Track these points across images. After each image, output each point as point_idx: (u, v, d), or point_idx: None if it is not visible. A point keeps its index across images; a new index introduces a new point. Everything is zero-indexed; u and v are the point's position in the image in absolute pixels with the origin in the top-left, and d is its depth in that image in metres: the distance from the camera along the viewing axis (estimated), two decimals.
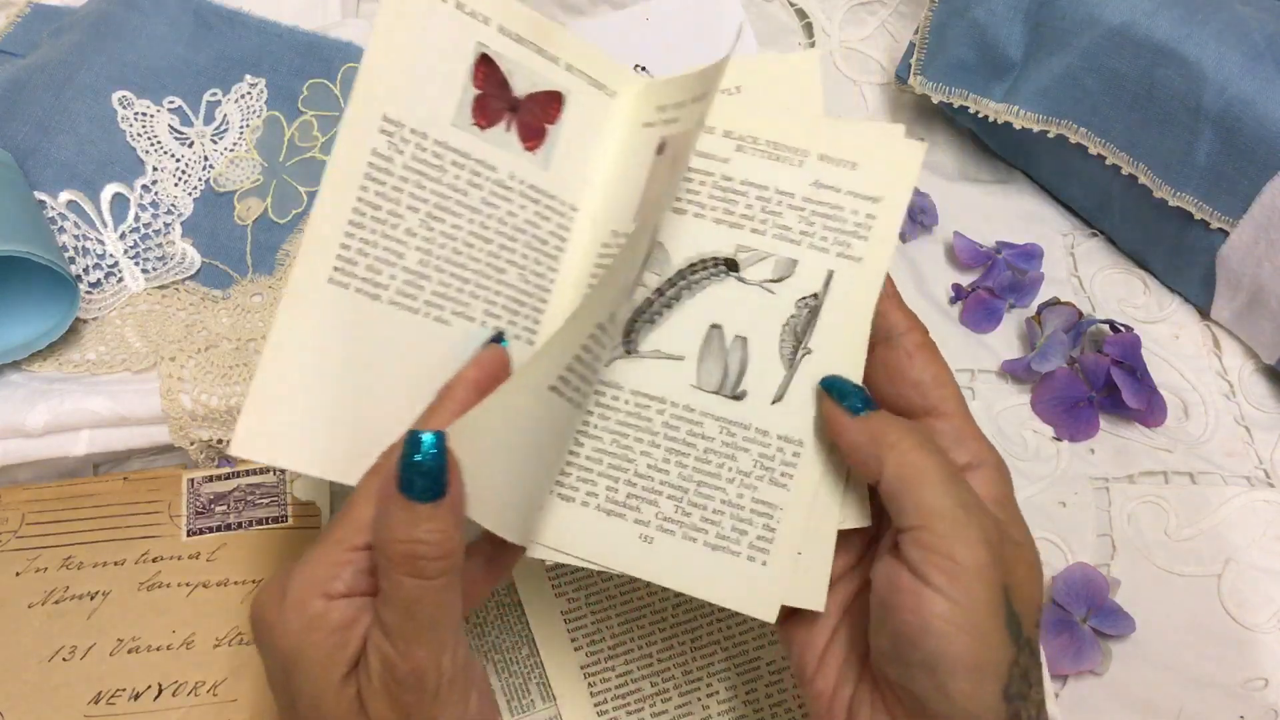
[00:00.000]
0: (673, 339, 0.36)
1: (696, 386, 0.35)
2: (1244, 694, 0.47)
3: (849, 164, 0.35)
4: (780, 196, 0.35)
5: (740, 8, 0.65)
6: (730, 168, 0.36)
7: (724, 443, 0.35)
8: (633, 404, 0.35)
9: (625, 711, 0.44)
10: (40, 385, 0.48)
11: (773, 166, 0.36)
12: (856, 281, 0.35)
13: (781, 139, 0.36)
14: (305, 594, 0.30)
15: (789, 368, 0.35)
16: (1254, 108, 0.49)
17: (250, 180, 0.55)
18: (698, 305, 0.36)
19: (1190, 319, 0.58)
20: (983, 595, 0.29)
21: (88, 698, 0.43)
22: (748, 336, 0.35)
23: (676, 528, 0.35)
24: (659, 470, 0.35)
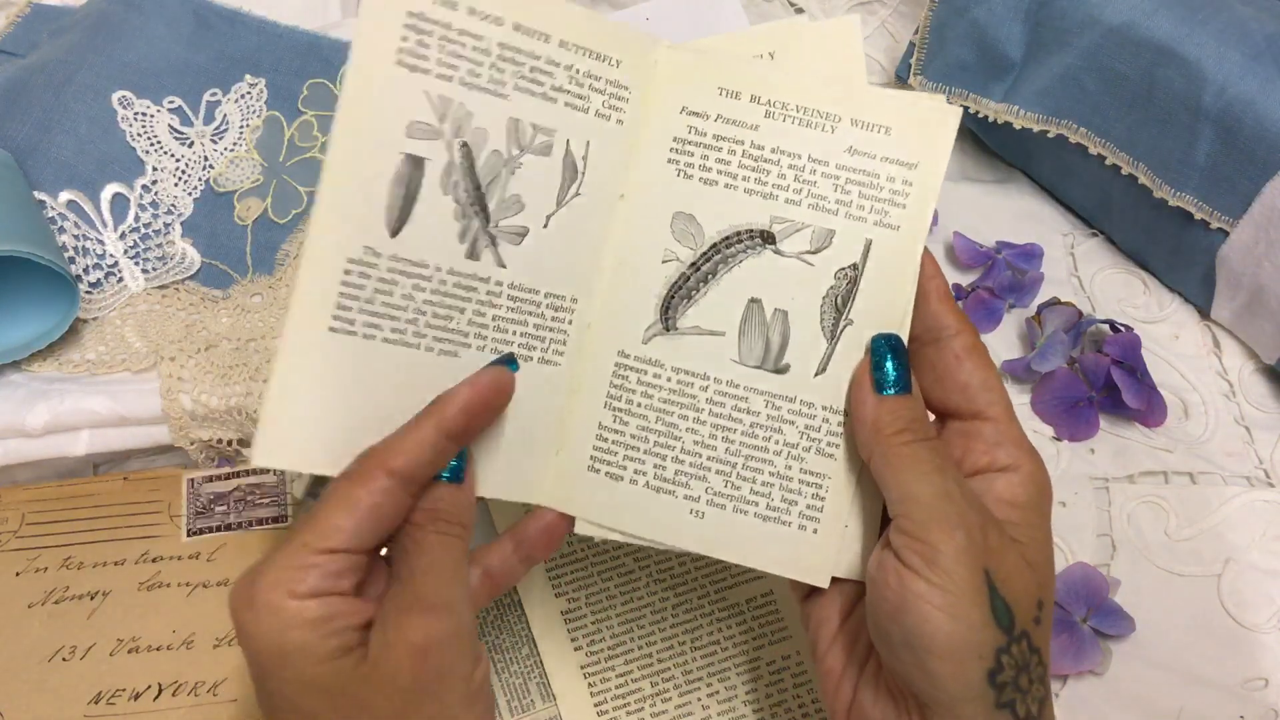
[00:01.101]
0: (712, 314, 0.36)
1: (738, 361, 0.35)
2: (1244, 694, 0.47)
3: (883, 129, 0.35)
4: (814, 164, 0.35)
5: (740, 8, 0.65)
6: (760, 135, 0.35)
7: (770, 416, 0.35)
8: (675, 381, 0.36)
9: (625, 711, 0.44)
10: (40, 385, 0.48)
11: (804, 133, 0.35)
12: (896, 250, 0.35)
13: (812, 104, 0.35)
14: (273, 595, 0.30)
15: (830, 340, 0.35)
16: (1254, 108, 0.49)
17: (250, 180, 0.55)
18: (735, 279, 0.36)
19: (1190, 319, 0.58)
20: (962, 578, 0.30)
21: (88, 698, 0.43)
22: (788, 310, 0.35)
23: (727, 501, 0.35)
24: (706, 446, 0.36)
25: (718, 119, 0.36)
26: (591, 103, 0.36)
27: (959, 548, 0.30)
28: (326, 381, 0.33)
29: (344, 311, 0.33)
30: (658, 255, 0.36)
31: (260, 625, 0.30)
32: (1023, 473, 0.33)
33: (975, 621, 0.30)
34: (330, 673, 0.30)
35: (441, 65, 0.33)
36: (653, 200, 0.36)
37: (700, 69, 0.36)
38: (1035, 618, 0.32)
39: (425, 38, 0.33)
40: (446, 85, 0.33)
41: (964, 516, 0.31)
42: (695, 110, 0.36)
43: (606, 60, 0.35)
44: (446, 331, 0.34)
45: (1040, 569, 0.32)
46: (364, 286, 0.33)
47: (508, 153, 0.34)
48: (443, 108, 0.33)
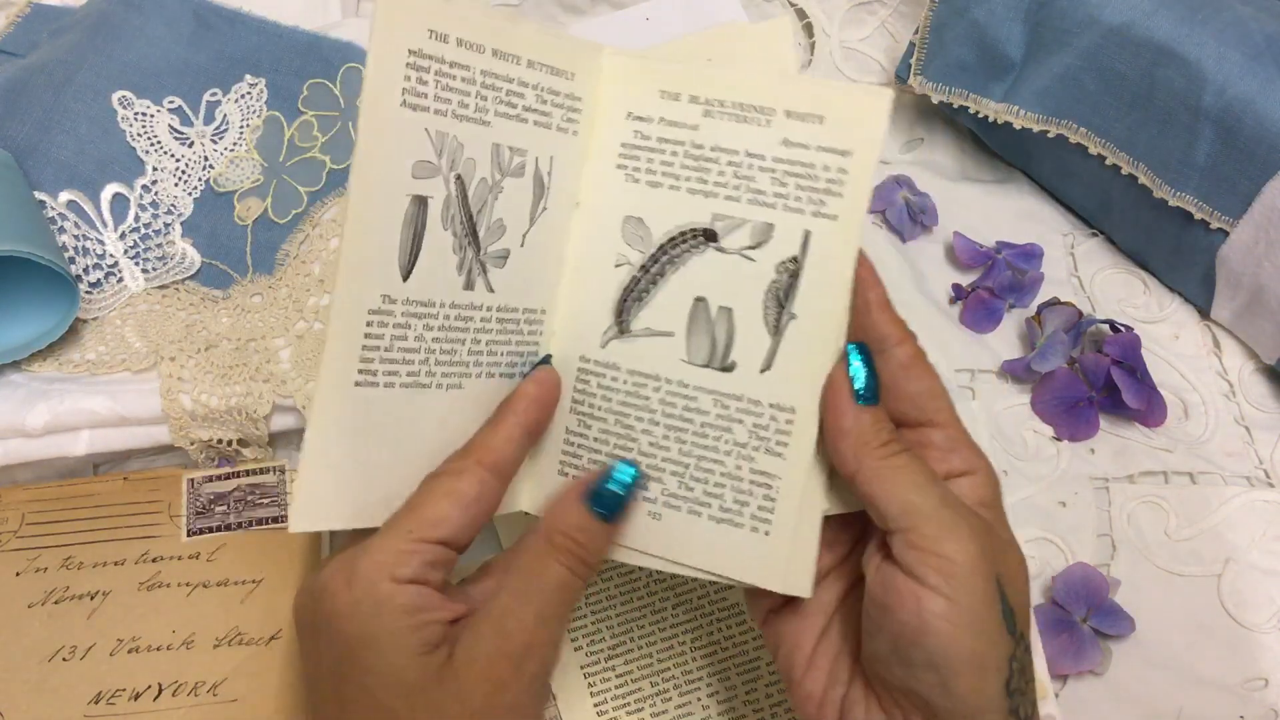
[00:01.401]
0: (661, 315, 0.36)
1: (687, 361, 0.35)
2: (1244, 694, 0.47)
3: (816, 118, 0.34)
4: (751, 159, 0.35)
5: (740, 8, 0.65)
6: (700, 134, 0.35)
7: (719, 415, 0.35)
8: (630, 384, 0.36)
9: (625, 711, 0.44)
10: (40, 385, 0.48)
11: (741, 129, 0.35)
12: (834, 240, 0.34)
13: (747, 99, 0.35)
14: (374, 577, 0.30)
15: (774, 335, 0.34)
16: (1254, 108, 0.49)
17: (250, 180, 0.55)
18: (681, 279, 0.35)
19: (1190, 319, 0.58)
20: (980, 589, 0.30)
21: (88, 698, 0.43)
22: (732, 307, 0.35)
23: (682, 503, 0.35)
24: (660, 448, 0.35)
25: (660, 121, 0.36)
26: (553, 118, 0.36)
27: (974, 558, 0.30)
28: (353, 437, 0.33)
29: (366, 364, 0.33)
30: (611, 260, 0.36)
31: (358, 607, 0.30)
32: (981, 474, 0.33)
33: (993, 634, 0.30)
34: (414, 668, 0.30)
35: (438, 100, 0.33)
36: (604, 206, 0.36)
37: (641, 73, 0.36)
38: (1028, 618, 0.32)
39: (424, 74, 0.32)
40: (442, 120, 0.33)
41: (971, 523, 0.31)
42: (639, 115, 0.36)
43: (562, 74, 0.36)
44: (451, 365, 0.35)
45: (1025, 568, 0.33)
46: (383, 336, 0.33)
47: (491, 179, 0.35)
48: (440, 143, 0.33)
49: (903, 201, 0.60)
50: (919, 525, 0.30)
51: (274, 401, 0.48)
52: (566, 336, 0.37)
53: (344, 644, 0.30)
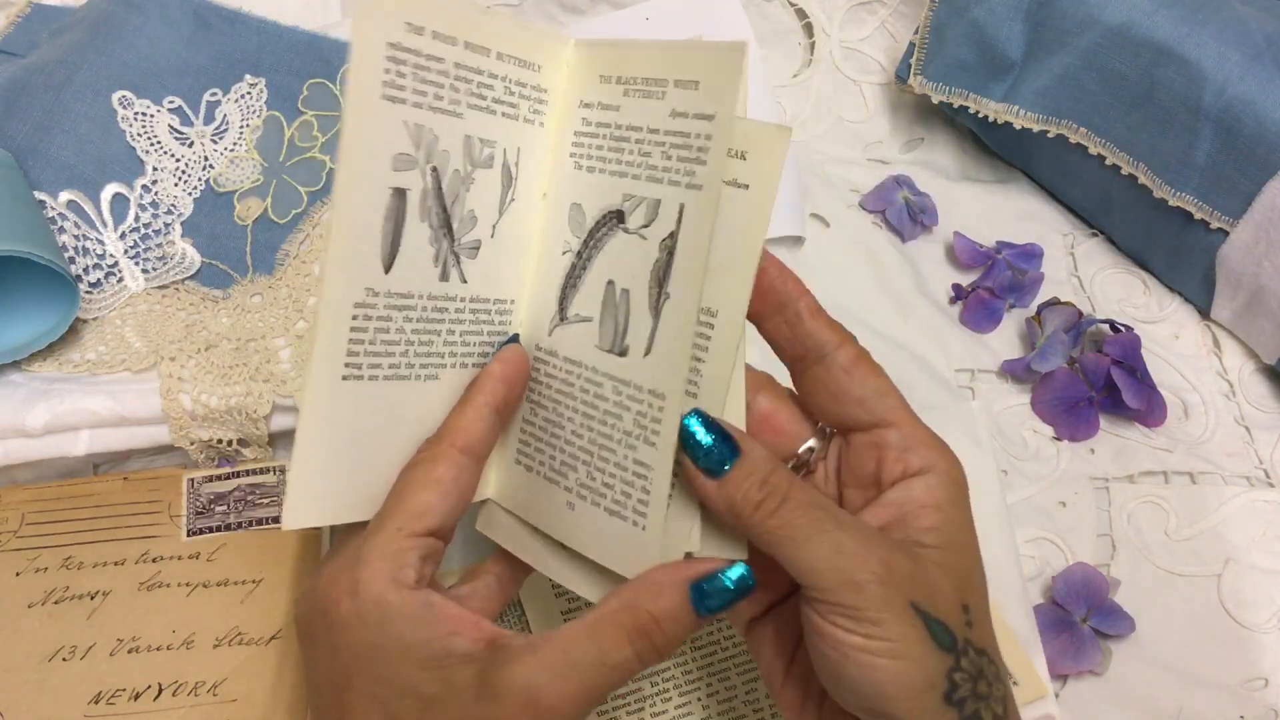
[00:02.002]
0: (586, 301, 0.35)
1: (598, 347, 0.35)
2: (1244, 694, 0.47)
3: (693, 84, 0.33)
4: (649, 134, 0.34)
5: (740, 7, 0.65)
6: (620, 114, 0.35)
7: (615, 403, 0.34)
8: (563, 370, 0.36)
9: (625, 711, 0.44)
10: (40, 385, 0.48)
11: (644, 104, 0.34)
12: (699, 211, 0.32)
13: (651, 73, 0.34)
14: (377, 585, 0.30)
15: (654, 316, 0.33)
16: (1254, 108, 0.49)
17: (250, 180, 0.55)
18: (599, 263, 0.35)
19: (1190, 319, 0.58)
20: (890, 620, 0.29)
21: (88, 698, 0.43)
22: (629, 288, 0.34)
23: (587, 493, 0.35)
24: (577, 435, 0.35)
25: (597, 106, 0.36)
26: (520, 110, 0.36)
27: (877, 597, 0.30)
28: (341, 432, 0.33)
29: (353, 358, 0.33)
30: (559, 248, 0.36)
31: (364, 617, 0.30)
32: (938, 472, 0.32)
33: (918, 656, 0.30)
34: (429, 681, 0.30)
35: (415, 93, 0.33)
36: (560, 195, 0.37)
37: (585, 60, 0.36)
38: (966, 621, 0.31)
39: (402, 67, 0.32)
40: (418, 112, 0.33)
41: (865, 563, 0.30)
42: (586, 101, 0.36)
43: (530, 66, 0.36)
44: (428, 356, 0.35)
45: (961, 570, 0.32)
46: (367, 329, 0.33)
47: (464, 170, 0.35)
48: (417, 135, 0.33)
49: (903, 201, 0.60)
50: (815, 582, 0.30)
51: (274, 401, 0.48)
52: (526, 326, 0.37)
53: (350, 654, 0.30)
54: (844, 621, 0.30)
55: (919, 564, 0.31)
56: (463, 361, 0.36)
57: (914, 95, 0.61)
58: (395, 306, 0.33)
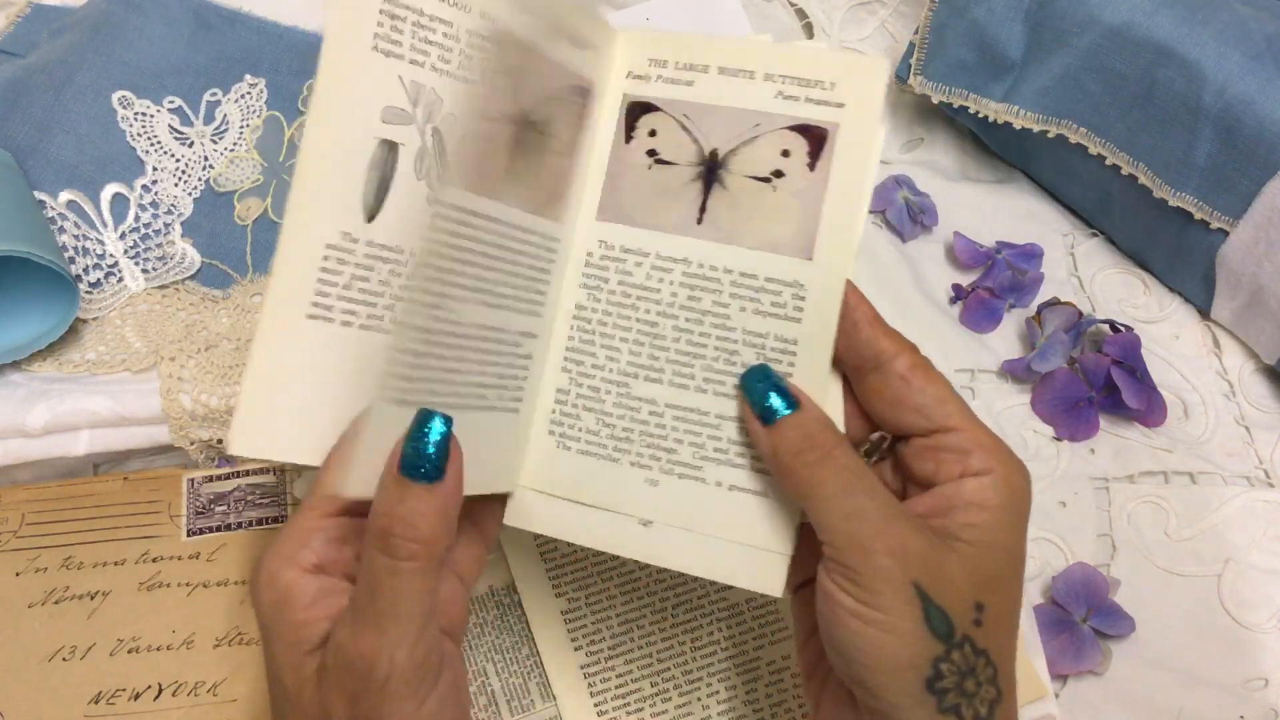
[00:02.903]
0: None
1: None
2: (1244, 694, 0.47)
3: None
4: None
5: (740, 7, 0.65)
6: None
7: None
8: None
9: (625, 711, 0.44)
10: (40, 385, 0.48)
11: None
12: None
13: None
14: (276, 566, 0.30)
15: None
16: (1254, 108, 0.49)
17: (250, 180, 0.55)
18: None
19: (1190, 319, 0.58)
20: (886, 591, 0.30)
21: (88, 698, 0.43)
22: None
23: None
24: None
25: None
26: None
27: (881, 567, 0.30)
28: (304, 370, 0.33)
29: (322, 298, 0.33)
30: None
31: (261, 599, 0.30)
32: (995, 476, 0.32)
33: (907, 633, 0.30)
34: (290, 670, 0.30)
35: (414, 51, 0.33)
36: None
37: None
38: (974, 620, 0.31)
39: (399, 23, 0.33)
40: (419, 71, 0.33)
41: (880, 534, 0.31)
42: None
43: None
44: None
45: (988, 570, 0.32)
46: (341, 273, 0.33)
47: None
48: (415, 93, 0.33)
49: (903, 201, 0.60)
50: (830, 539, 0.31)
51: None
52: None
53: (265, 639, 0.31)
54: (845, 584, 0.31)
55: (938, 551, 0.31)
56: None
57: (914, 95, 0.61)
58: (380, 258, 0.33)
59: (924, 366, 0.34)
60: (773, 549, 0.34)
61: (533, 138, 0.35)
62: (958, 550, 0.31)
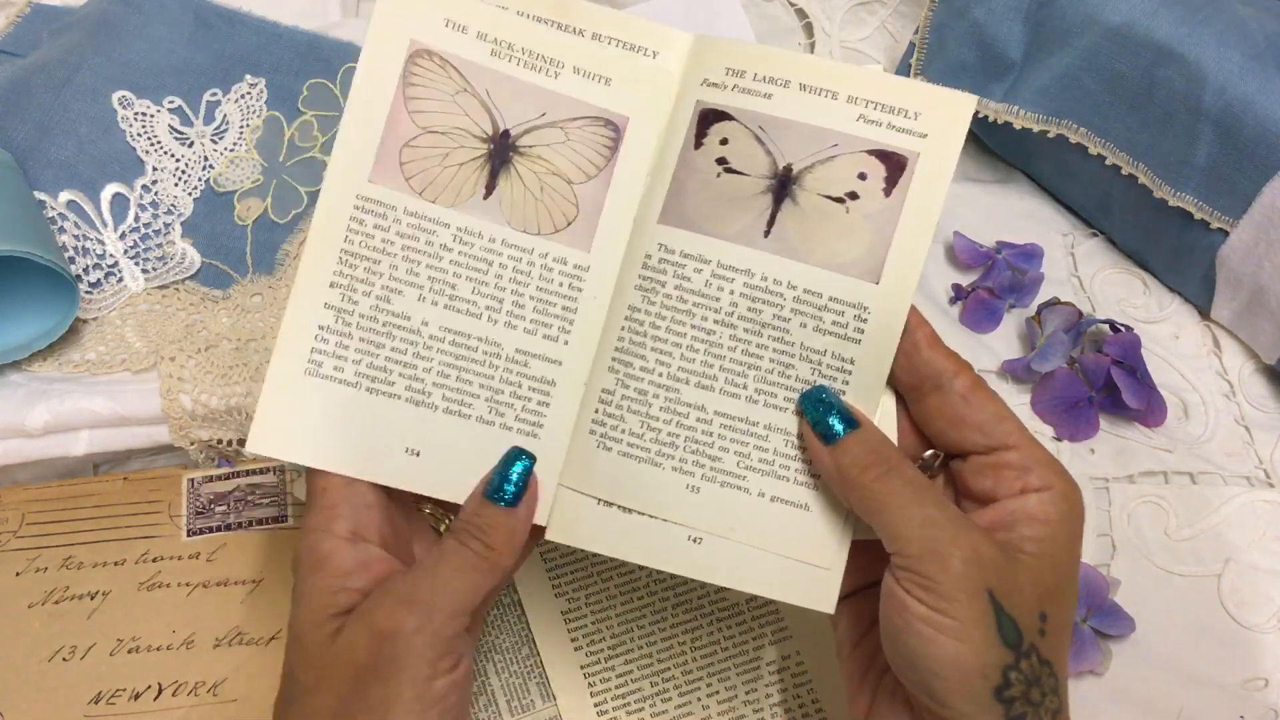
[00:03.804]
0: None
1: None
2: (1244, 694, 0.47)
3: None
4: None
5: (740, 8, 0.65)
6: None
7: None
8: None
9: (625, 711, 0.44)
10: (40, 385, 0.48)
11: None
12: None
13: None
14: (314, 538, 0.33)
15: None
16: (1254, 108, 0.49)
17: (250, 180, 0.55)
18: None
19: (1190, 319, 0.58)
20: (961, 599, 0.30)
21: (88, 698, 0.43)
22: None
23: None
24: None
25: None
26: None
27: (956, 574, 0.30)
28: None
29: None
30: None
31: (298, 566, 0.33)
32: (1056, 491, 0.33)
33: (979, 642, 0.30)
34: (311, 631, 0.32)
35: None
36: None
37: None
38: (1039, 629, 0.32)
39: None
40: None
41: (955, 541, 0.31)
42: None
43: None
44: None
45: (1050, 582, 0.32)
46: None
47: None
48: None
49: None
50: (903, 549, 0.32)
51: None
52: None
53: (292, 598, 0.33)
54: (918, 591, 0.31)
55: (1008, 559, 0.32)
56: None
57: None
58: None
59: (982, 385, 0.34)
60: (818, 564, 0.35)
61: (521, 160, 0.36)
62: (1023, 562, 0.32)
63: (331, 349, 0.34)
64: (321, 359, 0.34)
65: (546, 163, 0.36)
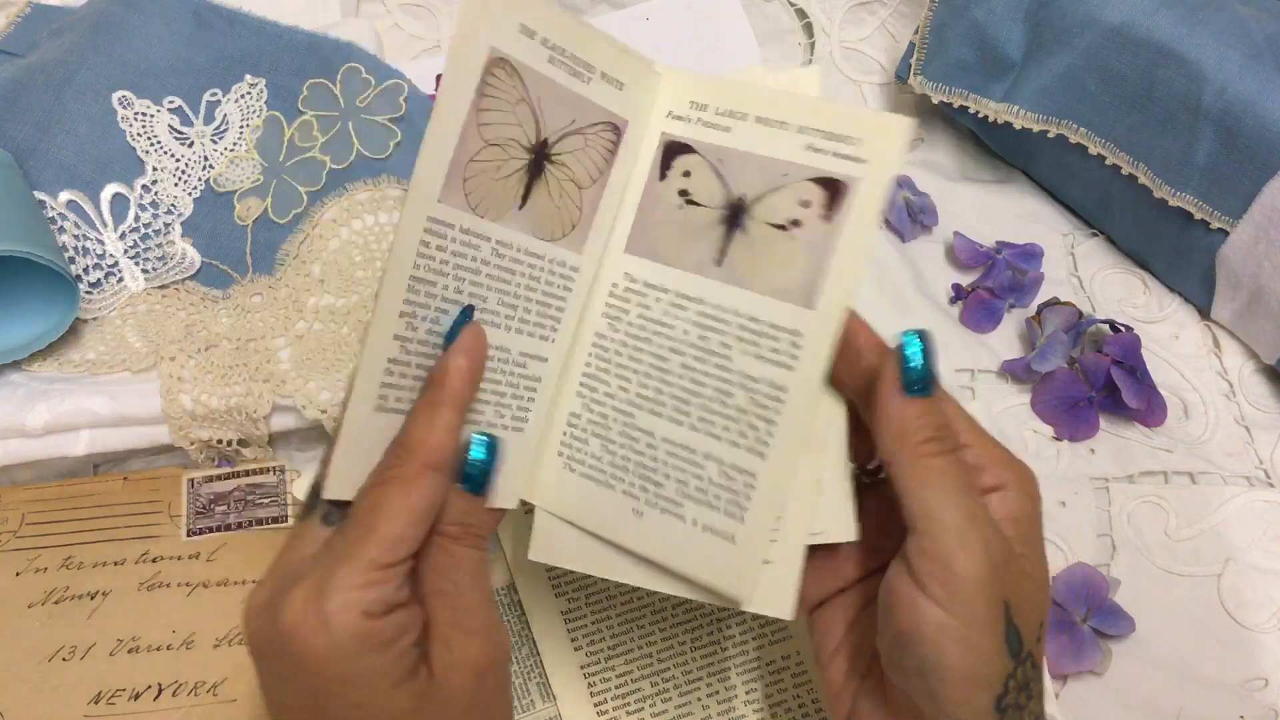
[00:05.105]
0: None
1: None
2: (1244, 694, 0.47)
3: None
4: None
5: (740, 8, 0.65)
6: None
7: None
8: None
9: (625, 711, 0.44)
10: (40, 385, 0.48)
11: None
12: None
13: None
14: (348, 618, 0.29)
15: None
16: (1254, 108, 0.49)
17: (250, 180, 0.55)
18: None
19: (1190, 319, 0.58)
20: (980, 608, 0.29)
21: (88, 698, 0.43)
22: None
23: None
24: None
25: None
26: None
27: (982, 579, 0.29)
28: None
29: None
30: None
31: (338, 649, 0.29)
32: (1013, 487, 0.33)
33: (988, 652, 0.30)
34: (403, 697, 0.30)
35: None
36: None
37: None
38: (1038, 637, 0.31)
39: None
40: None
41: (989, 544, 0.30)
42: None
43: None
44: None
45: (1043, 583, 0.32)
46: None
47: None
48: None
49: (903, 201, 0.60)
50: (935, 533, 0.30)
51: (274, 401, 0.48)
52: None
53: (323, 684, 0.30)
54: (937, 590, 0.30)
55: (1025, 573, 0.31)
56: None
57: (914, 95, 0.61)
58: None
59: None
60: (735, 595, 0.34)
61: (551, 168, 0.36)
62: (1026, 571, 0.31)
63: (396, 380, 0.33)
64: (388, 392, 0.33)
65: (568, 170, 0.36)
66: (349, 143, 0.55)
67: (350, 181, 0.55)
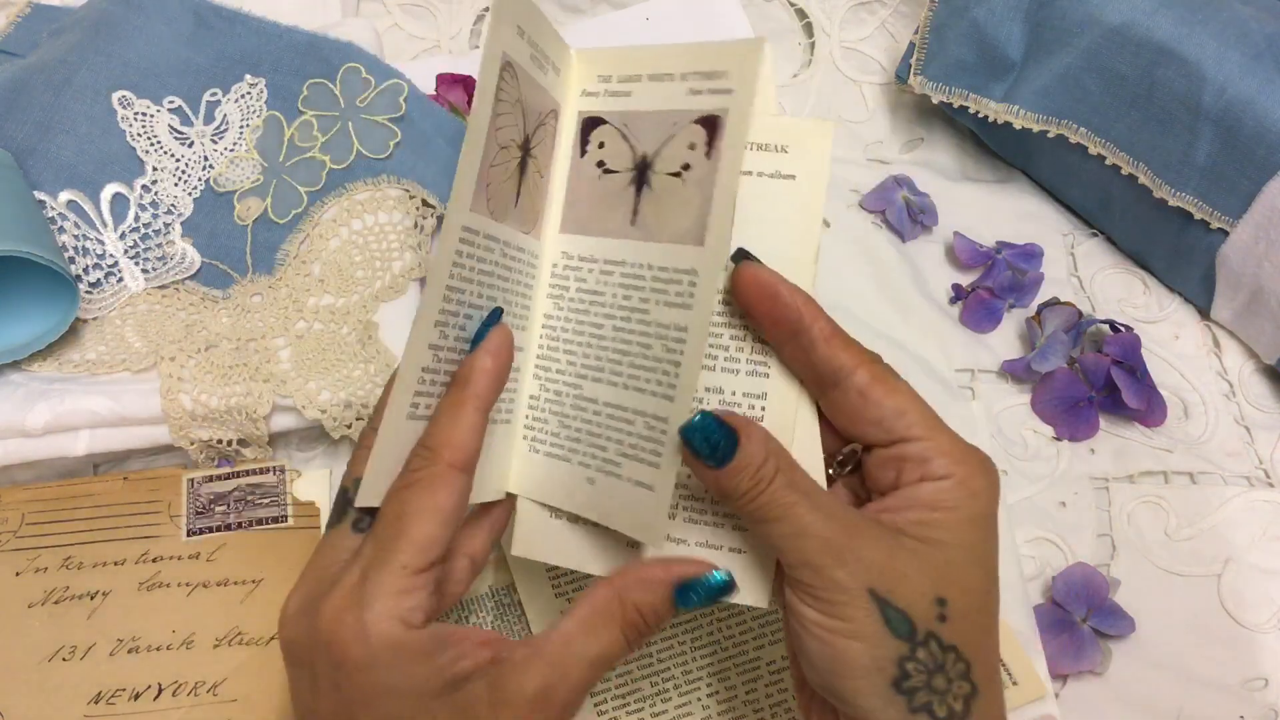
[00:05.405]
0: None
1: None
2: (1244, 694, 0.47)
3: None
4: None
5: (740, 8, 0.65)
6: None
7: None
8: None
9: (625, 711, 0.44)
10: (40, 385, 0.48)
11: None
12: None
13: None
14: (390, 628, 0.30)
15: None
16: (1254, 108, 0.49)
17: (250, 180, 0.55)
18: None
19: (1190, 319, 0.58)
20: (844, 602, 0.31)
21: (88, 698, 0.43)
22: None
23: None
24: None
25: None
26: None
27: (832, 579, 0.31)
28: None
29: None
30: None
31: (377, 658, 0.29)
32: (953, 478, 0.33)
33: (869, 637, 0.31)
34: (445, 710, 0.30)
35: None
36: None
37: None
38: (938, 615, 0.31)
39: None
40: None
41: (829, 547, 0.31)
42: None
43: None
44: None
45: (946, 567, 0.32)
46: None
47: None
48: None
49: (903, 201, 0.60)
50: (784, 559, 0.32)
51: (274, 401, 0.48)
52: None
53: (359, 694, 0.30)
54: (807, 598, 0.32)
55: (890, 553, 0.32)
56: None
57: (914, 95, 0.61)
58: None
59: (883, 380, 0.34)
60: (646, 540, 0.35)
61: (530, 162, 0.37)
62: (911, 548, 0.32)
63: (426, 388, 0.33)
64: (419, 400, 0.33)
65: (538, 161, 0.37)
66: (349, 143, 0.55)
67: (350, 181, 0.55)
